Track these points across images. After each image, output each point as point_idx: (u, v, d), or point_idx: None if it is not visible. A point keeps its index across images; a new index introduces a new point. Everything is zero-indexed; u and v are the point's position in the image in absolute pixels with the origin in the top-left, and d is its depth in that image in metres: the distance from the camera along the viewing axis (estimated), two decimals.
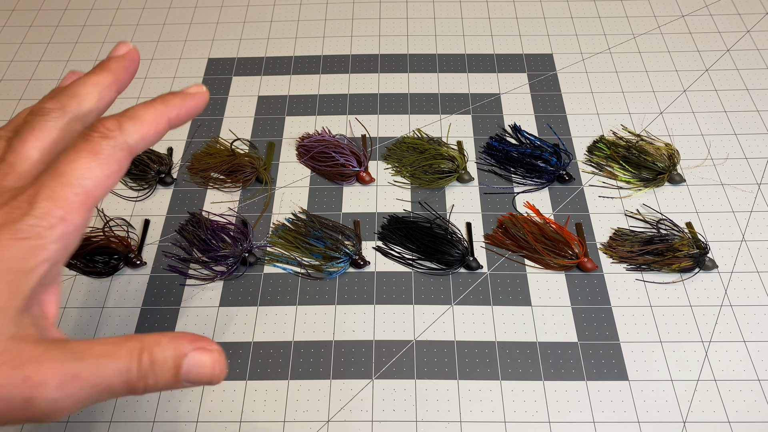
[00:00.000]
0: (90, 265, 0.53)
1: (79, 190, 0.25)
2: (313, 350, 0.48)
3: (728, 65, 0.66)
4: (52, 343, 0.24)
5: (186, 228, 0.55)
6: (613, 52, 0.68)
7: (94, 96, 0.29)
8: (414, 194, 0.57)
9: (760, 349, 0.47)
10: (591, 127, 0.61)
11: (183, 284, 0.52)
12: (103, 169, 0.26)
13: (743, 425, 0.44)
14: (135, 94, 0.66)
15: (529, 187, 0.57)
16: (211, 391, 0.46)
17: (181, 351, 0.25)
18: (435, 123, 0.62)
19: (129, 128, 0.27)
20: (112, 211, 0.56)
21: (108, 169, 0.26)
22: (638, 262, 0.51)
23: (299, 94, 0.65)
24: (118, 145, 0.26)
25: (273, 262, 0.53)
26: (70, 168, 0.25)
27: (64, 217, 0.25)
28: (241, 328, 0.49)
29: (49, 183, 0.25)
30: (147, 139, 0.28)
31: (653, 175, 0.56)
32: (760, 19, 0.70)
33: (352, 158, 0.58)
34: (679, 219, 0.54)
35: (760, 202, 0.55)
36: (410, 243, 0.53)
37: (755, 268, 0.51)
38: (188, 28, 0.73)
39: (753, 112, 0.62)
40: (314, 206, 0.56)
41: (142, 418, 0.45)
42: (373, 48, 0.69)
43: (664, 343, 0.47)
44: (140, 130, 0.27)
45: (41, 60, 0.70)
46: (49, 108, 0.28)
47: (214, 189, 0.58)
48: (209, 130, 0.62)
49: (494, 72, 0.66)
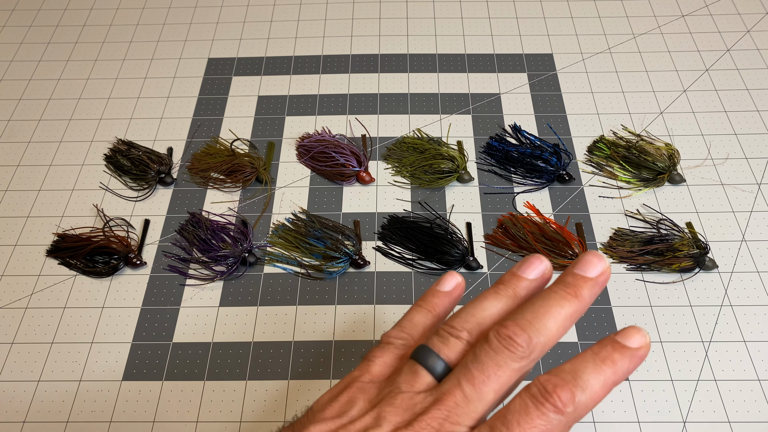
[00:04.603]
0: (90, 265, 0.53)
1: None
2: (313, 350, 0.48)
3: (728, 65, 0.66)
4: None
5: (186, 228, 0.55)
6: (613, 52, 0.68)
7: (559, 333, 0.27)
8: (414, 194, 0.57)
9: (760, 349, 0.47)
10: (591, 127, 0.61)
11: (183, 284, 0.52)
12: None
13: (743, 425, 0.44)
14: (135, 94, 0.66)
15: (529, 187, 0.57)
16: (211, 391, 0.46)
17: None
18: (435, 123, 0.62)
19: (581, 405, 0.25)
20: (112, 211, 0.56)
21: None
22: (638, 262, 0.51)
23: (299, 94, 0.65)
24: (567, 423, 0.25)
25: (273, 262, 0.53)
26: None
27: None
28: (241, 328, 0.49)
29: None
30: (588, 412, 0.26)
31: (653, 175, 0.56)
32: (760, 19, 0.70)
33: (352, 158, 0.58)
34: (679, 219, 0.54)
35: (760, 202, 0.55)
36: (410, 243, 0.53)
37: (755, 268, 0.51)
38: (188, 28, 0.73)
39: (753, 112, 0.62)
40: (314, 206, 0.56)
41: (142, 418, 0.45)
42: (373, 48, 0.69)
43: (664, 343, 0.47)
44: (589, 406, 0.25)
45: (41, 60, 0.70)
46: (518, 345, 0.26)
47: (214, 189, 0.58)
48: (209, 130, 0.62)
49: (494, 72, 0.66)
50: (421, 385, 0.27)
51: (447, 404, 0.26)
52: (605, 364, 0.26)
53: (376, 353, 0.30)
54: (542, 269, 0.30)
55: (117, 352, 0.48)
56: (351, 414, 0.27)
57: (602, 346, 0.27)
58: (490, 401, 0.26)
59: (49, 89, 0.67)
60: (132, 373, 0.47)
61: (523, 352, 0.26)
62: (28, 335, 0.49)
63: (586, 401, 0.25)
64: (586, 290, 0.28)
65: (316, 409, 0.28)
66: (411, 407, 0.26)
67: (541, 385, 0.25)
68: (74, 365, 0.48)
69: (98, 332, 0.49)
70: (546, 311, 0.27)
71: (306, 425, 0.27)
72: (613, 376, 0.26)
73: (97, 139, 0.62)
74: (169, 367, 0.47)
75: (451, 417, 0.25)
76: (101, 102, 0.65)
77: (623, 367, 0.26)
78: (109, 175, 0.59)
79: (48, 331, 0.50)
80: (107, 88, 0.67)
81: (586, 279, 0.28)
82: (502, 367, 0.26)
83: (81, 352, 0.48)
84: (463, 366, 0.27)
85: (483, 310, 0.29)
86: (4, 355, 0.48)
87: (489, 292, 0.30)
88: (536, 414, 0.25)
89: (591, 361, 0.26)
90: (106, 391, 0.46)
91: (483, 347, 0.27)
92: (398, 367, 0.29)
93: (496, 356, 0.26)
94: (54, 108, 0.65)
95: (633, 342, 0.27)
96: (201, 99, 0.65)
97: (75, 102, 0.66)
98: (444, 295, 0.32)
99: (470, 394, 0.26)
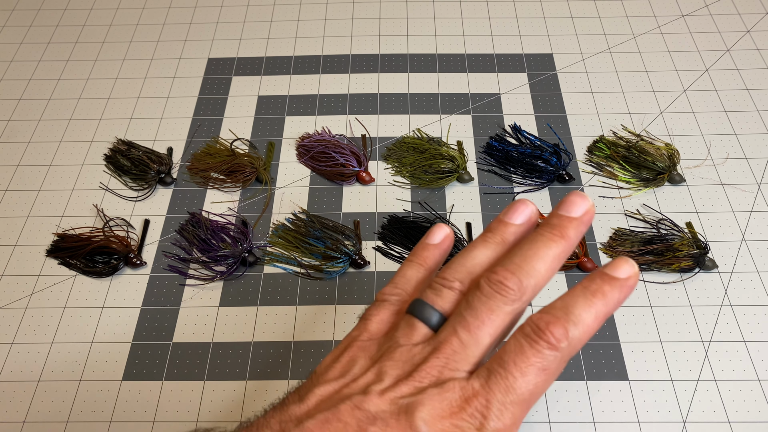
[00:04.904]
0: (90, 265, 0.53)
1: (522, 403, 0.25)
2: (313, 350, 0.48)
3: (728, 65, 0.66)
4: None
5: (186, 228, 0.55)
6: (613, 52, 0.68)
7: (548, 274, 0.28)
8: (414, 194, 0.57)
9: (760, 349, 0.47)
10: (591, 127, 0.61)
11: (183, 284, 0.52)
12: (545, 384, 0.26)
13: (743, 425, 0.44)
14: (135, 94, 0.66)
15: (529, 187, 0.57)
16: (211, 391, 0.46)
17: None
18: (435, 123, 0.62)
19: (575, 339, 0.26)
20: (112, 211, 0.56)
21: (548, 384, 0.26)
22: (638, 262, 0.51)
23: (299, 94, 0.65)
24: (563, 358, 0.26)
25: (273, 262, 0.53)
26: (519, 384, 0.25)
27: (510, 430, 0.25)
28: (241, 328, 0.49)
29: (498, 395, 0.25)
30: (583, 345, 0.27)
31: (653, 175, 0.56)
32: (760, 19, 0.70)
33: (352, 158, 0.58)
34: (679, 219, 0.54)
35: (760, 202, 0.55)
36: (410, 243, 0.53)
37: (755, 268, 0.51)
38: (188, 28, 0.73)
39: (753, 112, 0.62)
40: (314, 206, 0.56)
41: (142, 418, 0.45)
42: (373, 48, 0.69)
43: (664, 343, 0.47)
44: (582, 339, 0.26)
45: (41, 60, 0.70)
46: (509, 288, 0.27)
47: (214, 189, 0.58)
48: (209, 129, 0.62)
49: (494, 72, 0.66)
50: (418, 337, 0.28)
51: (445, 352, 0.26)
52: (596, 297, 0.26)
53: (372, 311, 0.30)
54: (528, 213, 0.31)
55: (117, 352, 0.48)
56: (353, 372, 0.27)
57: (592, 280, 0.27)
58: (486, 345, 0.27)
59: (49, 89, 0.67)
60: (132, 373, 0.47)
61: (514, 295, 0.27)
62: (28, 335, 0.49)
63: (579, 335, 0.26)
64: (572, 230, 0.28)
65: (320, 372, 0.28)
66: (410, 359, 0.27)
67: (534, 324, 0.26)
68: (74, 365, 0.48)
69: (98, 332, 0.49)
70: (534, 254, 0.28)
71: (311, 388, 0.27)
72: (604, 308, 0.26)
73: (97, 139, 0.62)
74: (168, 367, 0.47)
75: (450, 363, 0.26)
76: (101, 102, 0.65)
77: (614, 299, 0.27)
78: (109, 175, 0.59)
79: (48, 331, 0.50)
80: (107, 88, 0.67)
81: (571, 219, 0.29)
82: (495, 312, 0.27)
83: (81, 352, 0.48)
84: (458, 314, 0.27)
85: (473, 258, 0.29)
86: (4, 355, 0.48)
87: (478, 240, 0.30)
88: (531, 352, 0.25)
89: (581, 295, 0.27)
90: (106, 391, 0.46)
91: (475, 294, 0.27)
92: (395, 322, 0.30)
93: (489, 301, 0.27)
94: (54, 108, 0.65)
95: (621, 272, 0.27)
96: (201, 99, 0.65)
97: (75, 102, 0.66)
98: (433, 247, 0.32)
99: (466, 340, 0.26)
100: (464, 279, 0.29)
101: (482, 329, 0.26)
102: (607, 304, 0.27)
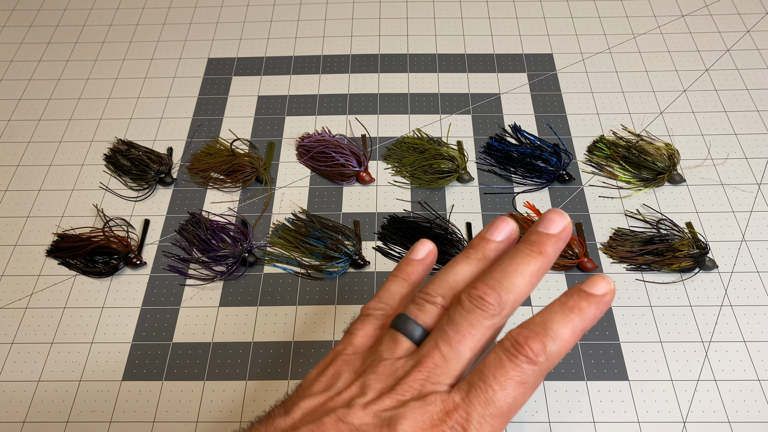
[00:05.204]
0: (90, 265, 0.53)
1: (501, 415, 0.26)
2: (313, 350, 0.48)
3: (728, 65, 0.66)
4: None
5: (186, 228, 0.55)
6: (613, 52, 0.68)
7: (527, 289, 0.28)
8: (414, 194, 0.57)
9: (760, 349, 0.47)
10: (591, 127, 0.61)
11: (183, 284, 0.52)
12: (524, 397, 0.26)
13: (743, 425, 0.44)
14: (135, 94, 0.66)
15: (529, 187, 0.57)
16: (211, 392, 0.46)
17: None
18: (435, 123, 0.62)
19: (553, 354, 0.26)
20: (112, 211, 0.56)
21: (527, 397, 0.26)
22: (638, 262, 0.51)
23: (299, 94, 0.65)
24: (541, 372, 0.26)
25: (273, 262, 0.53)
26: (498, 397, 0.25)
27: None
28: (241, 328, 0.49)
29: (478, 408, 0.25)
30: (561, 359, 0.27)
31: (653, 175, 0.56)
32: (760, 19, 0.70)
33: (352, 158, 0.58)
34: (679, 219, 0.54)
35: (760, 202, 0.55)
36: (410, 243, 0.53)
37: (755, 268, 0.51)
38: (188, 28, 0.73)
39: (753, 112, 0.62)
40: (314, 206, 0.56)
41: (142, 418, 0.45)
42: (373, 48, 0.69)
43: (664, 343, 0.47)
44: (560, 353, 0.27)
45: (41, 60, 0.70)
46: (489, 303, 0.27)
47: (214, 189, 0.58)
48: (209, 130, 0.62)
49: (494, 72, 0.66)
50: (401, 351, 0.28)
51: (427, 366, 0.27)
52: (573, 313, 0.27)
53: (357, 326, 0.31)
54: (509, 230, 0.31)
55: (117, 352, 0.48)
56: (338, 386, 0.28)
57: (569, 296, 0.28)
58: (467, 359, 0.27)
59: (49, 89, 0.67)
60: (132, 373, 0.47)
61: (494, 310, 0.27)
62: (28, 335, 0.49)
63: (557, 350, 0.26)
64: (550, 246, 0.29)
65: (305, 385, 0.29)
66: (393, 372, 0.27)
67: (513, 339, 0.26)
68: (74, 365, 0.48)
69: (98, 332, 0.49)
70: (513, 270, 0.28)
71: (296, 401, 0.28)
72: (581, 323, 0.27)
73: (97, 139, 0.62)
74: (168, 367, 0.47)
75: (432, 377, 0.26)
76: (101, 102, 0.65)
77: (590, 314, 0.27)
78: (109, 175, 0.59)
79: (48, 331, 0.50)
80: (107, 88, 0.67)
81: (549, 236, 0.29)
82: (476, 326, 0.27)
83: (81, 352, 0.48)
84: (440, 329, 0.28)
85: (455, 274, 0.30)
86: (4, 355, 0.48)
87: (460, 257, 0.31)
88: (510, 366, 0.26)
89: (559, 311, 0.27)
90: (106, 391, 0.46)
91: (456, 309, 0.28)
92: (379, 336, 0.30)
93: (470, 316, 0.27)
94: (54, 108, 0.65)
95: (598, 289, 0.28)
96: (201, 99, 0.65)
97: (75, 102, 0.66)
98: (417, 263, 0.33)
99: (448, 354, 0.27)
100: (446, 294, 0.29)
101: (463, 343, 0.27)
102: (583, 319, 0.27)
